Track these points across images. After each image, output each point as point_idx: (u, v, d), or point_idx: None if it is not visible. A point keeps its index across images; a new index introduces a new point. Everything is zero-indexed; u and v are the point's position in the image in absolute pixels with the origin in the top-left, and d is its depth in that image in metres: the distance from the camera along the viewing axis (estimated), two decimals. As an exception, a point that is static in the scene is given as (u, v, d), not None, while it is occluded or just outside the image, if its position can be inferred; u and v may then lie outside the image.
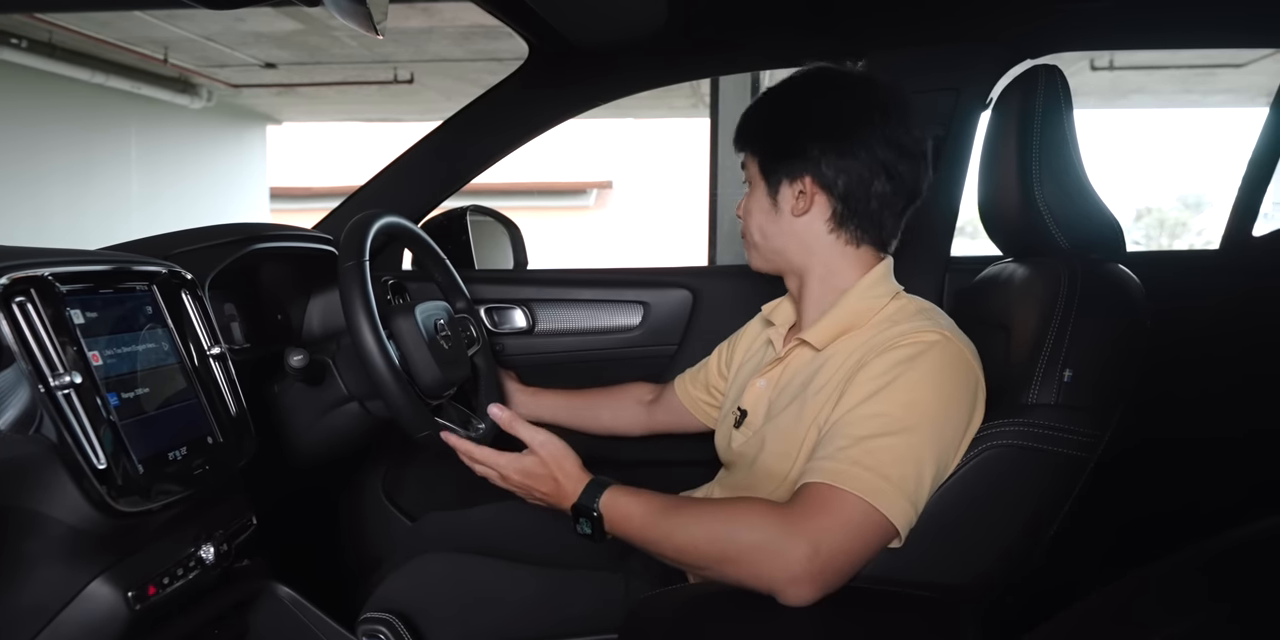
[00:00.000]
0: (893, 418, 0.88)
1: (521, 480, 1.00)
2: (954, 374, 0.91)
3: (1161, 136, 19.79)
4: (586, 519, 0.95)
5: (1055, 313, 0.92)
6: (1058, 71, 1.02)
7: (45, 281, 0.77)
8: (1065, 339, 0.90)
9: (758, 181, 1.05)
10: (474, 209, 1.73)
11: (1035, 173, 0.99)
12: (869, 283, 1.02)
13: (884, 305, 1.00)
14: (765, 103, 1.06)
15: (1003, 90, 1.09)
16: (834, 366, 0.97)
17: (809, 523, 0.84)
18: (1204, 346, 1.54)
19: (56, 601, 0.78)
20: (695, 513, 0.90)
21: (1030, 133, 1.00)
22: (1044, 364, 0.90)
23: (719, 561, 0.87)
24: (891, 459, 0.86)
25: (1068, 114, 1.02)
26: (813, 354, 1.02)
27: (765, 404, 1.06)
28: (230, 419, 0.96)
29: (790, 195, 1.02)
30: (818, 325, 1.01)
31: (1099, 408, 0.90)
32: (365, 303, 1.04)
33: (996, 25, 1.44)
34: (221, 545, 0.93)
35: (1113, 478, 1.54)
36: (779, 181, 1.02)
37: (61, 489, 0.75)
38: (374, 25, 1.01)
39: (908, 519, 0.85)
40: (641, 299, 1.60)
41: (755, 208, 1.06)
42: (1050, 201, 0.98)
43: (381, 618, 1.02)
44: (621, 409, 1.37)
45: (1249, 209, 1.70)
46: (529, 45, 1.53)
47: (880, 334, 0.95)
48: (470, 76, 6.51)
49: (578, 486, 0.96)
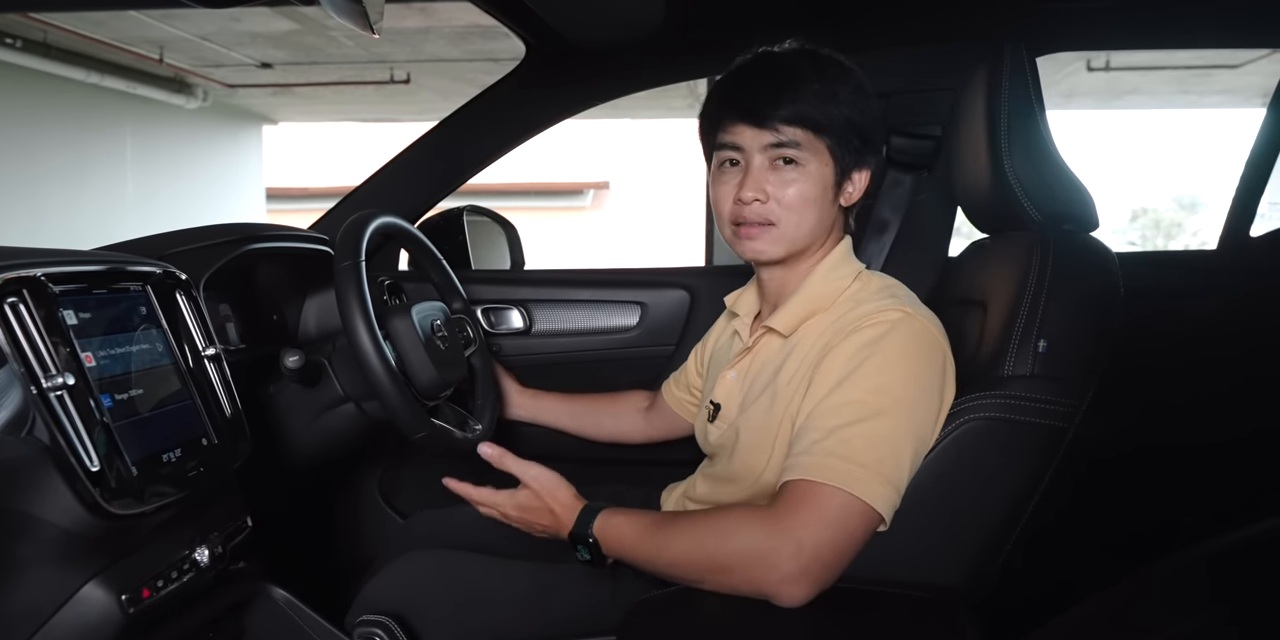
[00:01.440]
0: (863, 404, 0.88)
1: (520, 515, 1.01)
2: (920, 351, 0.91)
3: (1157, 137, 19.85)
4: (584, 546, 0.96)
5: (1028, 284, 0.92)
6: (1023, 50, 1.02)
7: (38, 282, 0.77)
8: (1039, 310, 0.91)
9: (819, 165, 0.97)
10: (471, 209, 1.73)
11: (1004, 146, 0.99)
12: (831, 263, 1.02)
13: (847, 285, 1.00)
14: (825, 75, 0.97)
15: (970, 70, 1.09)
16: (801, 353, 0.97)
17: (791, 521, 0.84)
18: (1204, 348, 1.55)
19: (50, 605, 0.78)
20: (682, 526, 0.90)
21: (998, 107, 1.00)
22: (1019, 335, 0.90)
23: (712, 572, 0.87)
24: (866, 445, 0.86)
25: (1035, 89, 1.02)
26: (781, 341, 1.02)
27: (738, 396, 1.06)
28: (225, 420, 0.95)
29: (849, 185, 1.01)
30: (783, 311, 1.01)
31: (1075, 377, 0.90)
32: (361, 303, 1.03)
33: (991, 25, 1.44)
34: (216, 547, 0.92)
35: (1112, 481, 1.54)
36: (849, 169, 0.99)
37: (54, 491, 0.75)
38: (370, 24, 1.01)
39: (889, 502, 0.86)
40: (639, 299, 1.60)
41: (809, 192, 0.97)
42: (1020, 174, 0.99)
43: (377, 620, 1.01)
44: (622, 416, 1.37)
45: (1246, 209, 1.70)
46: (526, 45, 1.53)
47: (845, 315, 0.95)
48: (467, 76, 6.50)
49: (572, 515, 0.97)
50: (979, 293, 1.04)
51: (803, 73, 0.97)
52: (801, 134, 0.96)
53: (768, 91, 0.96)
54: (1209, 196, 14.97)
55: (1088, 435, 0.95)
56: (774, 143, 0.96)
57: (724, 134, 0.99)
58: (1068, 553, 1.41)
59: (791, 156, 0.96)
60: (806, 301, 1.00)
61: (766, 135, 0.96)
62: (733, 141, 0.99)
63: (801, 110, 0.95)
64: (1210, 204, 14.67)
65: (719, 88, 1.02)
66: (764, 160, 0.97)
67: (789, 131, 0.95)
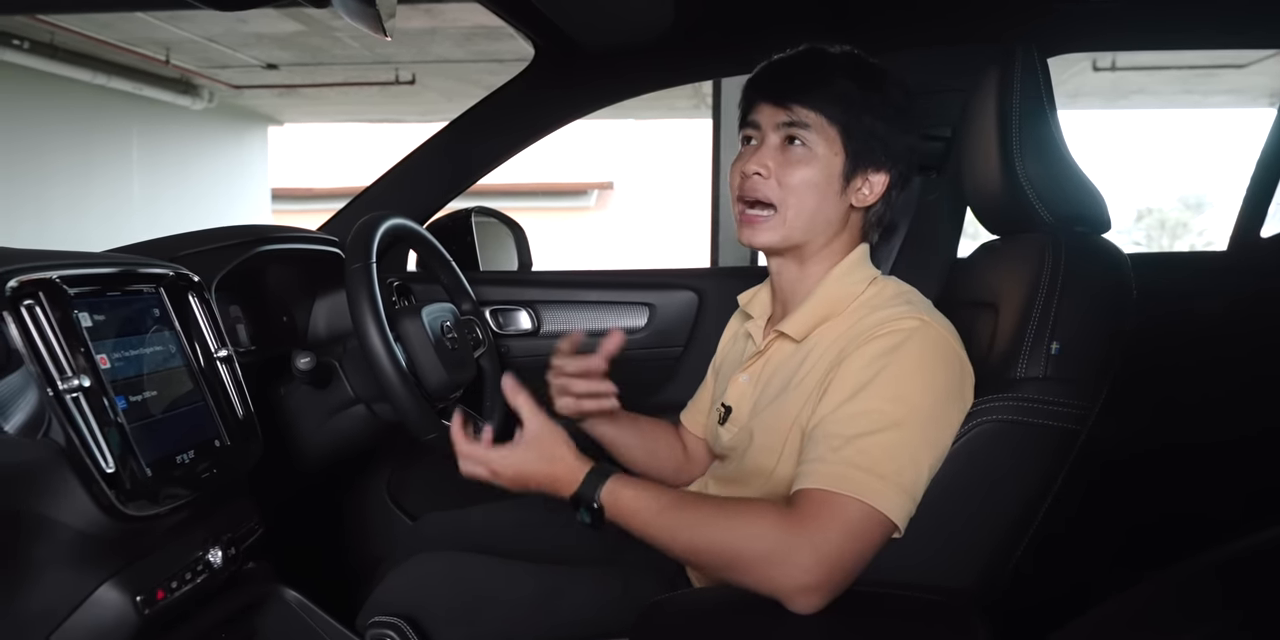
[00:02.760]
0: (882, 413, 0.87)
1: (515, 474, 0.94)
2: (937, 360, 0.91)
3: (1163, 137, 19.79)
4: (586, 509, 0.92)
5: (1040, 286, 0.92)
6: (1034, 51, 1.02)
7: (53, 284, 0.77)
8: (1051, 312, 0.90)
9: (829, 154, 0.97)
10: (478, 210, 1.73)
11: (1016, 148, 0.99)
12: (846, 267, 1.01)
13: (861, 290, 0.99)
14: (858, 76, 0.97)
15: (981, 72, 1.09)
16: (815, 359, 0.96)
17: (811, 532, 0.83)
18: (1215, 348, 1.54)
19: (65, 606, 0.78)
20: (700, 515, 0.89)
21: (1009, 109, 1.00)
22: (1031, 337, 0.90)
23: (724, 568, 0.86)
24: (885, 456, 0.85)
25: (1046, 91, 1.02)
26: (794, 346, 1.01)
27: (750, 400, 1.05)
28: (237, 422, 0.95)
29: (859, 182, 0.99)
30: (795, 315, 1.00)
31: (1088, 378, 0.90)
32: (373, 305, 1.03)
33: (1002, 26, 1.44)
34: (229, 548, 0.93)
35: (1123, 481, 1.54)
36: (859, 165, 0.98)
37: (70, 493, 0.75)
38: (381, 26, 1.01)
39: (905, 512, 0.85)
40: (647, 301, 1.60)
41: (813, 177, 0.97)
42: (1032, 176, 0.98)
43: (389, 622, 1.01)
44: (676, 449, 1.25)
45: (1257, 210, 1.70)
46: (534, 47, 1.53)
47: (859, 322, 0.95)
48: (472, 78, 6.51)
49: (575, 475, 0.92)
50: (990, 294, 1.04)
51: (837, 68, 0.98)
52: (814, 117, 0.97)
53: (797, 76, 0.99)
54: (1214, 197, 14.92)
55: (1100, 437, 0.95)
56: (787, 121, 0.97)
57: (750, 114, 1.02)
58: (1082, 556, 1.40)
59: (799, 137, 0.97)
60: (819, 306, 1.00)
61: (781, 113, 0.98)
62: (753, 119, 1.01)
63: (822, 96, 0.96)
64: (1216, 204, 14.63)
65: (757, 74, 1.03)
66: (777, 139, 0.99)
67: (802, 112, 0.97)
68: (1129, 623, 0.69)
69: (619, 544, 1.21)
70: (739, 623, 0.85)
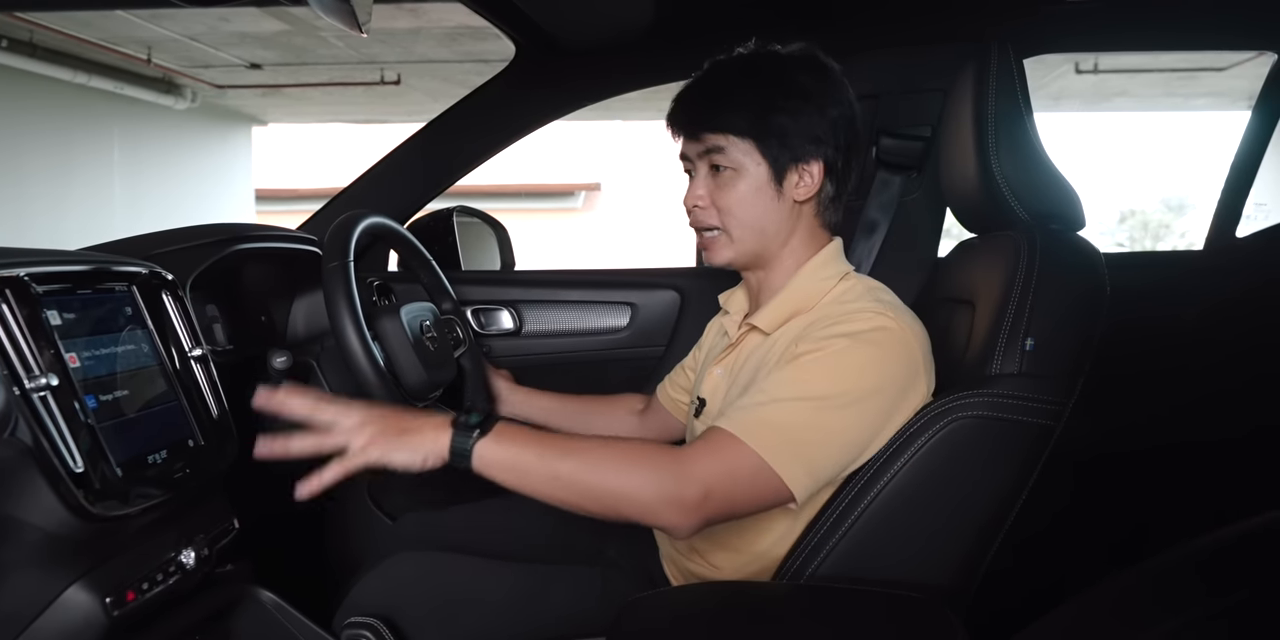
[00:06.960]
0: (814, 384, 0.88)
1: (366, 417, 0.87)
2: (887, 358, 0.91)
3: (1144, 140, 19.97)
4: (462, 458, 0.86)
5: (1016, 283, 0.93)
6: (1009, 50, 1.03)
7: (20, 282, 0.76)
8: (1026, 308, 0.91)
9: (751, 166, 0.98)
10: (460, 210, 1.72)
11: (992, 146, 1.00)
12: (818, 263, 1.02)
13: (831, 286, 1.00)
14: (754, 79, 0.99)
15: (957, 70, 1.10)
16: (781, 347, 0.97)
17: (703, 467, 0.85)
18: (1190, 347, 1.55)
19: (32, 608, 0.77)
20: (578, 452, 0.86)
21: (985, 107, 1.01)
22: (1006, 334, 0.91)
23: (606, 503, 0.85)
24: (801, 423, 0.87)
25: (1021, 89, 1.03)
26: (762, 338, 1.02)
27: (722, 391, 1.06)
28: (212, 422, 0.94)
29: (794, 178, 0.99)
30: (766, 309, 1.02)
31: (1062, 375, 0.91)
32: (350, 304, 1.02)
33: (983, 26, 1.45)
34: (203, 550, 0.92)
35: (1102, 482, 1.55)
36: (786, 164, 0.98)
37: (37, 493, 0.74)
38: (358, 24, 1.00)
39: (803, 486, 0.86)
40: (629, 300, 1.59)
41: (745, 194, 0.99)
42: (1008, 174, 0.99)
43: (365, 622, 1.01)
44: (615, 418, 1.35)
45: (1232, 210, 1.71)
46: (515, 45, 1.53)
47: (826, 315, 0.96)
48: (457, 78, 6.49)
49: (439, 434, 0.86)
50: (967, 292, 1.04)
51: (733, 80, 1.00)
52: (724, 138, 0.98)
53: (694, 102, 1.01)
54: (1196, 198, 15.07)
55: (1076, 436, 0.95)
56: (703, 150, 1.00)
57: (679, 146, 1.04)
58: (1063, 554, 1.41)
59: (718, 162, 1.00)
60: (789, 301, 1.01)
61: (696, 144, 1.01)
62: (682, 152, 1.04)
63: (724, 117, 0.98)
64: (1198, 206, 14.76)
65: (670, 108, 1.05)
66: (704, 167, 1.02)
67: (711, 138, 0.99)
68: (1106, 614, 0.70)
69: (598, 543, 1.21)
70: (716, 619, 0.85)
